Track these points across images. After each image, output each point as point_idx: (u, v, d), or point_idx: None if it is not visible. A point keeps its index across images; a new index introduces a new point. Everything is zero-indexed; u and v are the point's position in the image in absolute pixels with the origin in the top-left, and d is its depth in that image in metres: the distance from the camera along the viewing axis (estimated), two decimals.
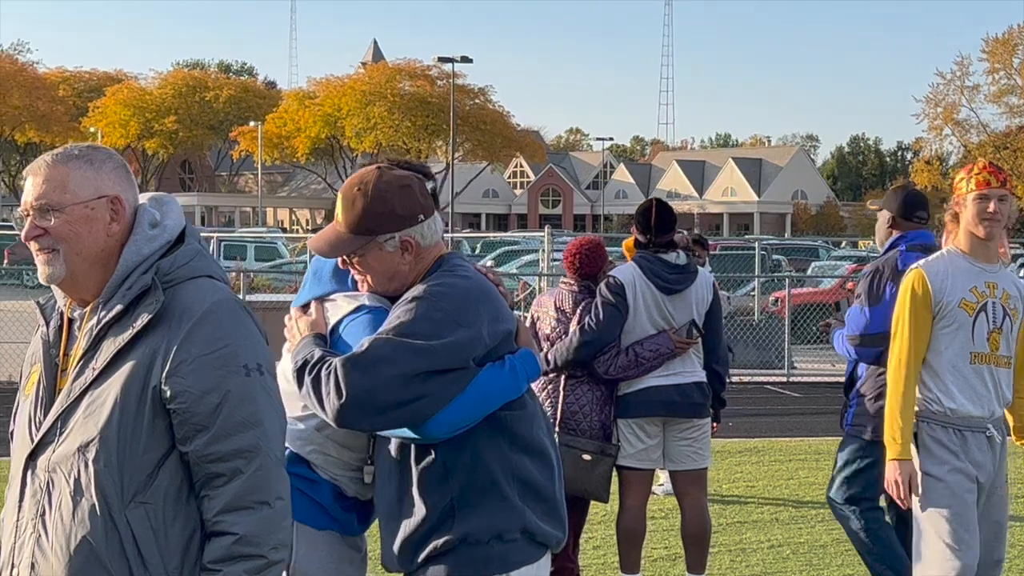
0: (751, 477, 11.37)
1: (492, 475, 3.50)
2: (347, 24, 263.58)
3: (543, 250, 22.03)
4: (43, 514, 2.96)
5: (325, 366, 3.43)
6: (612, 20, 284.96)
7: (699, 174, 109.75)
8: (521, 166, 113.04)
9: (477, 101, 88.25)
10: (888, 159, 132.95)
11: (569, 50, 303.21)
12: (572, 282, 7.23)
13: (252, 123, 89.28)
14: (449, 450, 3.49)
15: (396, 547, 3.57)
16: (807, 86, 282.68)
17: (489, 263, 37.31)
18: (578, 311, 7.05)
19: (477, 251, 44.04)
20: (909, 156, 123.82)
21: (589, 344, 6.88)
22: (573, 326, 6.99)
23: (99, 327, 2.98)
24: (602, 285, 7.00)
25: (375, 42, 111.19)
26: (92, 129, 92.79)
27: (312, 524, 3.75)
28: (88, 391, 2.96)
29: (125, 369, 2.93)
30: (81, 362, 2.99)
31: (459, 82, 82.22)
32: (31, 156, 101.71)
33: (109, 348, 2.96)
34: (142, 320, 2.94)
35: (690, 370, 7.04)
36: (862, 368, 6.70)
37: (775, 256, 35.68)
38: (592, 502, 7.24)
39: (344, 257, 3.62)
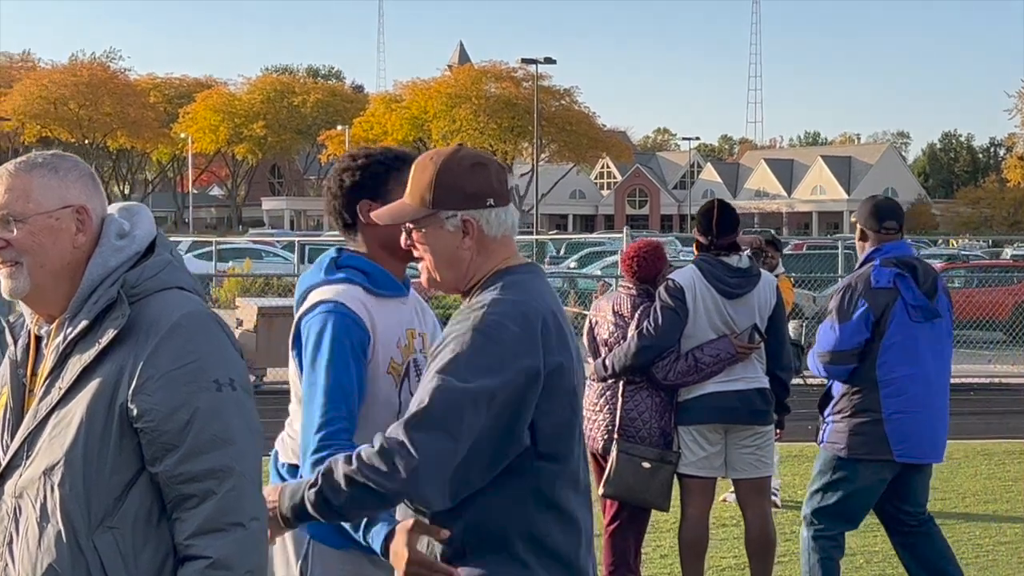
0: None
1: (504, 530, 3.18)
2: (434, 27, 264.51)
3: (622, 251, 21.86)
4: (10, 542, 2.84)
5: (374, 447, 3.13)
6: (699, 19, 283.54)
7: (787, 173, 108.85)
8: (607, 167, 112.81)
9: (563, 102, 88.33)
10: (980, 155, 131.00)
11: (656, 50, 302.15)
12: (631, 286, 7.07)
13: (339, 127, 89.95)
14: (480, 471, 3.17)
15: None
16: (897, 82, 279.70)
17: (572, 264, 37.21)
18: (636, 315, 6.89)
19: (561, 252, 43.97)
20: (1002, 152, 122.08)
21: (647, 349, 6.72)
22: (631, 331, 6.83)
23: (65, 344, 2.86)
24: (661, 289, 6.84)
25: (461, 44, 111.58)
26: (182, 135, 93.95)
27: (330, 543, 3.63)
28: (54, 411, 2.83)
29: (91, 387, 2.80)
30: (48, 381, 2.87)
31: (544, 83, 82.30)
32: (123, 162, 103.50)
33: (75, 366, 2.83)
34: (108, 336, 2.80)
35: (752, 376, 6.85)
36: (837, 385, 6.56)
37: None
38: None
39: (406, 234, 3.35)
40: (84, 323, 2.84)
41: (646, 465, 6.71)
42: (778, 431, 7.16)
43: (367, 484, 3.11)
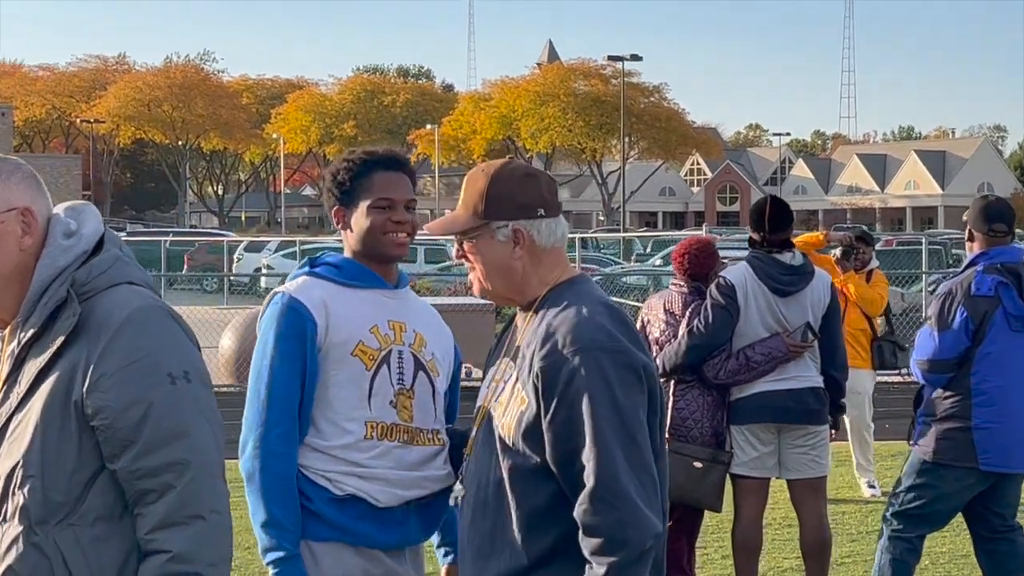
0: None
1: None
2: (524, 25, 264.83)
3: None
4: None
5: None
6: (791, 14, 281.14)
7: (880, 168, 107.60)
8: (698, 163, 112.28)
9: (652, 99, 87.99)
10: None
11: (748, 46, 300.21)
12: (682, 283, 7.00)
13: (429, 126, 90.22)
14: (561, 496, 3.17)
15: None
16: (994, 76, 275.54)
17: (658, 262, 37.01)
18: (687, 314, 6.81)
19: (648, 249, 43.82)
20: None
21: (698, 348, 6.65)
22: (682, 329, 6.76)
23: (20, 348, 2.85)
24: (712, 286, 6.75)
25: (550, 42, 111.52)
26: (274, 135, 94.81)
27: (311, 536, 3.68)
28: (13, 416, 2.84)
29: (46, 388, 2.79)
30: (5, 387, 2.87)
31: (633, 80, 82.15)
32: (216, 163, 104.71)
33: (31, 370, 2.83)
34: (60, 337, 2.79)
35: (806, 375, 6.74)
36: (929, 387, 6.42)
37: (955, 250, 34.45)
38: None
39: (458, 245, 3.37)
40: (36, 325, 2.83)
41: (698, 465, 6.63)
42: (832, 431, 7.03)
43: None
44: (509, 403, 3.23)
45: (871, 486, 10.36)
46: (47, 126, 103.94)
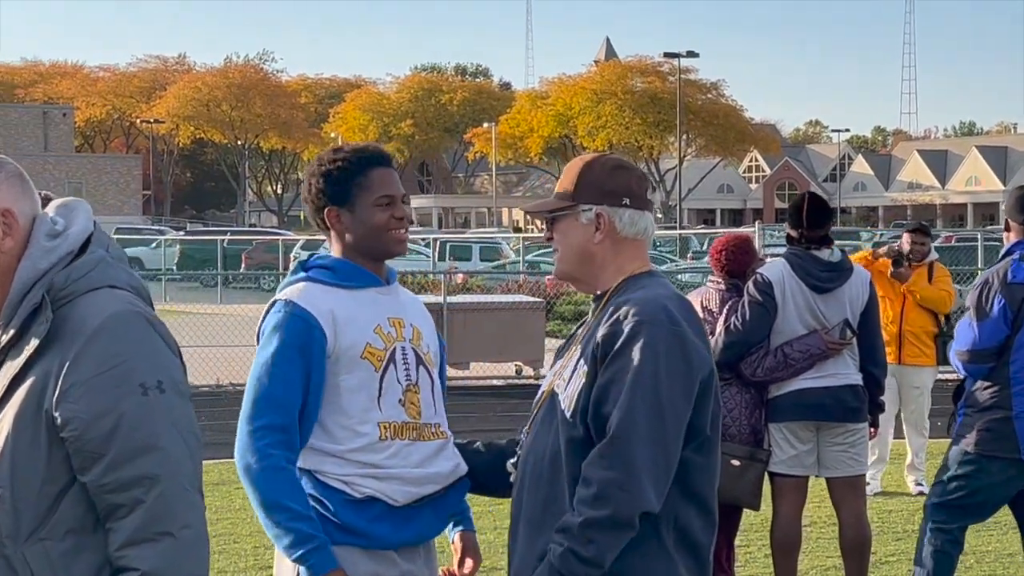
0: None
1: (656, 521, 3.24)
2: (581, 23, 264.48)
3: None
4: None
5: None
6: (851, 9, 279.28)
7: (941, 164, 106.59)
8: (756, 160, 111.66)
9: (709, 96, 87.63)
10: None
11: (808, 43, 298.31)
12: (719, 280, 6.98)
13: (486, 124, 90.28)
14: None
15: (533, 561, 3.33)
16: None
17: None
18: (725, 311, 6.78)
19: (704, 247, 43.68)
20: None
21: (735, 345, 6.61)
22: (719, 326, 6.73)
23: (0, 352, 2.78)
24: (749, 283, 6.72)
25: (607, 40, 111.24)
26: (332, 134, 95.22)
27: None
28: None
29: (19, 396, 2.71)
30: None
31: (690, 77, 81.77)
32: (276, 162, 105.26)
33: (7, 374, 2.75)
34: (32, 344, 2.71)
35: (844, 372, 6.69)
36: (971, 379, 6.34)
37: None
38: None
39: (544, 225, 3.53)
40: (14, 330, 2.76)
41: (735, 463, 6.59)
42: (872, 429, 6.98)
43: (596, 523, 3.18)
44: (571, 378, 3.36)
45: (918, 484, 10.29)
46: (108, 126, 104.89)
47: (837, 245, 6.85)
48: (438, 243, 38.10)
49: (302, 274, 3.85)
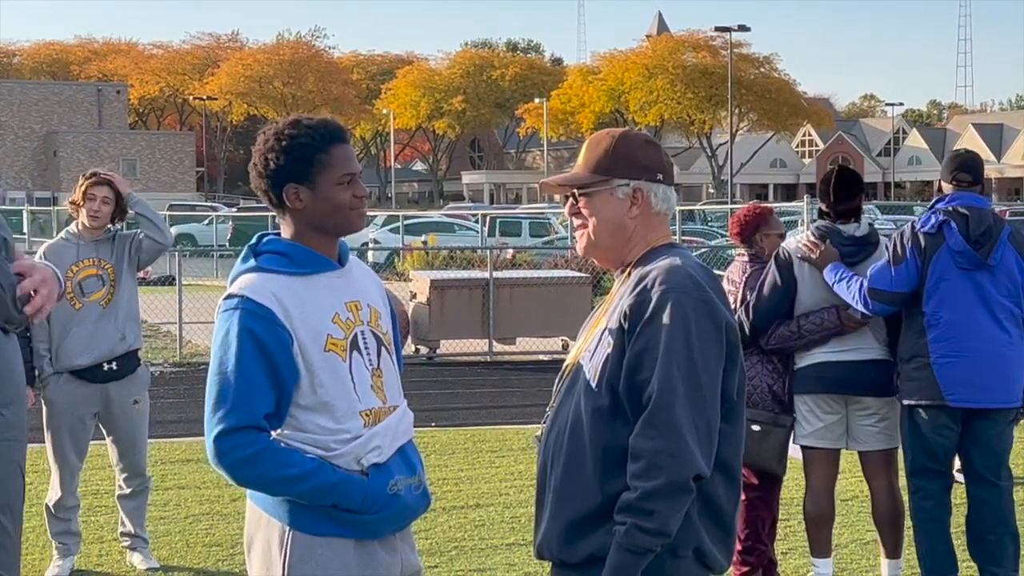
0: None
1: None
2: None
3: (802, 220, 21.50)
4: None
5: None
6: None
7: (997, 137, 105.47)
8: (809, 134, 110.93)
9: (762, 70, 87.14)
10: None
11: (862, 16, 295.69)
12: (743, 251, 7.08)
13: (537, 100, 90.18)
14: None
15: (559, 529, 3.38)
16: None
17: None
18: (744, 279, 6.88)
19: None
20: None
21: (755, 328, 6.66)
22: (737, 295, 6.83)
23: None
24: (771, 259, 6.77)
25: (659, 14, 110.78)
26: (384, 111, 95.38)
27: (310, 531, 3.57)
28: None
29: None
30: None
31: (743, 51, 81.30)
32: None
33: None
34: None
35: (868, 347, 6.66)
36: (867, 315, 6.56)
37: None
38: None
39: (572, 200, 3.50)
40: None
41: (756, 428, 6.62)
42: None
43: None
44: (597, 349, 3.39)
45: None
46: (161, 103, 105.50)
47: (889, 219, 6.91)
48: (487, 219, 38.14)
49: (253, 262, 3.66)
